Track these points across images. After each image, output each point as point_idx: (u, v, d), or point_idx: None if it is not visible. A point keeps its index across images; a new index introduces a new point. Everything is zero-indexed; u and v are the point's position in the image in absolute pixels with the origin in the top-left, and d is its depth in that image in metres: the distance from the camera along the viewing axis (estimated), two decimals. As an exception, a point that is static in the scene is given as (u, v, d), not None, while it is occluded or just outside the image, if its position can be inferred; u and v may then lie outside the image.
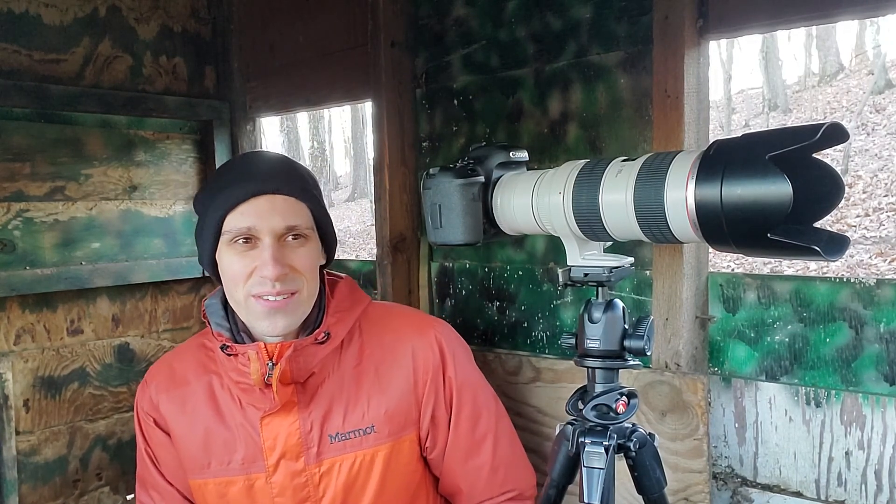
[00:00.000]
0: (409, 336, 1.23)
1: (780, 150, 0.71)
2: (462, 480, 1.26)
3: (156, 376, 1.27)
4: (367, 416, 1.18)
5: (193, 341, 1.29)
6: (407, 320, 1.28)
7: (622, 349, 0.95)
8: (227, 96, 2.08)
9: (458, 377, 1.23)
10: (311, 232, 1.14)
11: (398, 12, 1.68)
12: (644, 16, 1.32)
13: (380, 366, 1.21)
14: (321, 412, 1.17)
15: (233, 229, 1.10)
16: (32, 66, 1.73)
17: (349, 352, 1.21)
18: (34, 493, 1.76)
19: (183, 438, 1.21)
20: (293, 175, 1.15)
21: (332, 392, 1.18)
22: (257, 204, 1.09)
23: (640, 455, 0.96)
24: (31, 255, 1.75)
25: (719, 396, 1.31)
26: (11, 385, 1.70)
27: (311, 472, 1.17)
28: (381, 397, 1.19)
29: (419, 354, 1.22)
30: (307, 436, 1.16)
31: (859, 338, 1.17)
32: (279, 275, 1.08)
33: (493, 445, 1.25)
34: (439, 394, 1.22)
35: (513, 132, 1.54)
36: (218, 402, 1.20)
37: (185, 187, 2.04)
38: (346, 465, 1.17)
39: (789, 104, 12.49)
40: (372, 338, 1.23)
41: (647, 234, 0.86)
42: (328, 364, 1.18)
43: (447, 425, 1.23)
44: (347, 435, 1.17)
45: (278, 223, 1.10)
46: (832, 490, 1.21)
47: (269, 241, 1.09)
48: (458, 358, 1.25)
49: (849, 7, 1.12)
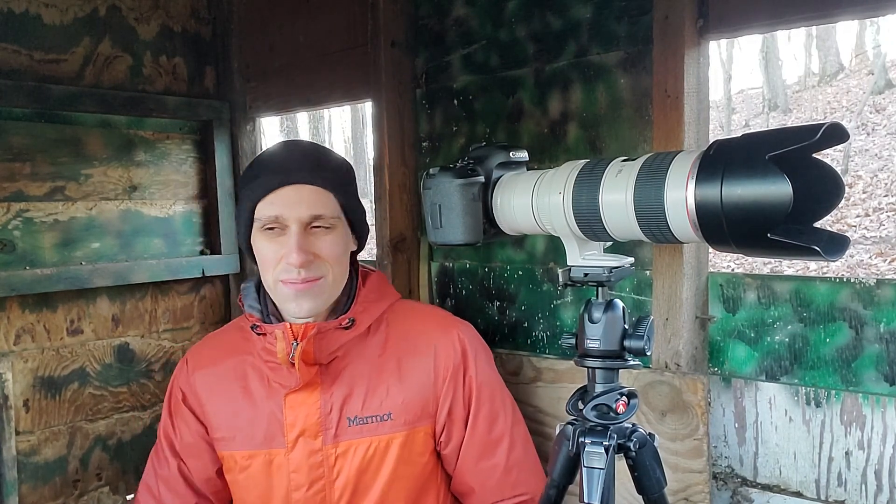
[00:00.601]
0: (433, 332, 1.28)
1: (780, 150, 0.71)
2: (474, 480, 1.27)
3: (194, 355, 1.36)
4: (386, 403, 1.22)
5: (233, 324, 1.40)
6: (433, 318, 1.33)
7: (622, 349, 0.95)
8: (227, 96, 2.08)
9: (478, 377, 1.26)
10: (337, 221, 1.19)
11: (398, 12, 1.68)
12: (644, 16, 1.32)
13: (402, 357, 1.25)
14: (342, 395, 1.22)
15: (263, 217, 1.17)
16: (32, 66, 1.73)
17: (374, 341, 1.26)
18: (34, 493, 1.76)
19: (214, 413, 1.29)
20: (322, 165, 1.20)
21: (354, 377, 1.23)
22: (285, 194, 1.16)
23: (640, 455, 0.96)
24: (31, 255, 1.75)
25: (719, 396, 1.31)
26: (11, 385, 1.70)
27: (328, 452, 1.22)
28: (400, 387, 1.23)
29: (441, 351, 1.26)
30: (327, 416, 1.22)
31: (859, 338, 1.17)
32: (303, 262, 1.14)
33: (507, 447, 1.26)
34: (458, 391, 1.25)
35: (513, 132, 1.54)
36: (248, 382, 1.27)
37: (185, 187, 2.04)
38: (362, 449, 1.22)
39: (789, 104, 12.49)
40: (397, 330, 1.28)
41: (647, 234, 0.86)
42: (352, 350, 1.24)
43: (464, 423, 1.26)
44: (365, 419, 1.22)
45: (304, 212, 1.15)
46: (832, 490, 1.21)
47: (295, 230, 1.15)
48: (480, 359, 1.28)
49: (849, 7, 1.12)
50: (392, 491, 1.24)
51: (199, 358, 1.34)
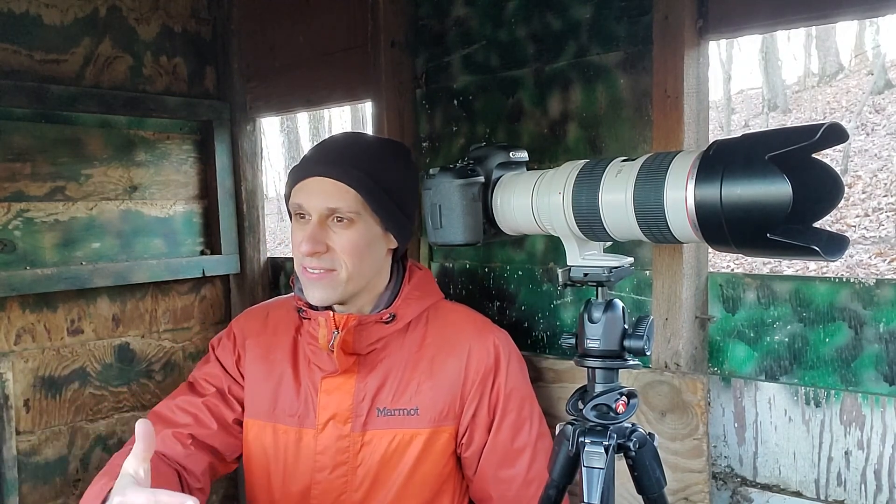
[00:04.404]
0: (469, 335, 1.29)
1: (780, 151, 0.71)
2: (493, 488, 1.28)
3: (250, 320, 1.39)
4: (415, 398, 1.24)
5: (282, 301, 1.42)
6: (472, 321, 1.33)
7: (622, 349, 0.95)
8: (227, 96, 2.08)
9: (507, 385, 1.27)
10: (356, 216, 1.19)
11: (398, 12, 1.68)
12: (644, 16, 1.32)
13: (436, 355, 1.27)
14: (375, 385, 1.25)
15: (293, 204, 1.22)
16: (32, 66, 1.73)
17: (412, 337, 1.28)
18: (34, 493, 1.76)
19: (257, 381, 1.31)
20: (347, 161, 1.20)
21: (388, 369, 1.26)
22: (308, 184, 1.20)
23: (639, 455, 0.96)
24: (32, 255, 1.75)
25: (719, 396, 1.31)
26: (11, 385, 1.70)
27: (355, 438, 1.24)
28: (430, 384, 1.25)
29: (474, 354, 1.27)
30: (359, 404, 1.24)
31: (859, 338, 1.17)
32: (310, 251, 1.18)
33: (529, 459, 1.26)
34: (485, 396, 1.26)
35: (513, 132, 1.54)
36: (298, 358, 1.31)
37: (185, 187, 2.04)
38: (386, 440, 1.24)
39: (789, 104, 12.48)
40: (435, 329, 1.30)
41: (647, 234, 0.87)
42: (391, 343, 1.27)
43: (487, 428, 1.26)
44: (393, 412, 1.24)
45: (320, 204, 1.18)
46: (832, 490, 1.21)
47: (314, 220, 1.19)
48: (512, 367, 1.29)
49: (849, 7, 1.12)
50: (410, 486, 1.25)
51: (255, 324, 1.37)
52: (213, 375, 1.34)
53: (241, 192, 2.09)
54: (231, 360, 1.35)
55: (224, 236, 2.07)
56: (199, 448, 1.27)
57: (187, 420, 1.28)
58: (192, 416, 1.29)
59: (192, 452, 1.26)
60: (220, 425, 1.30)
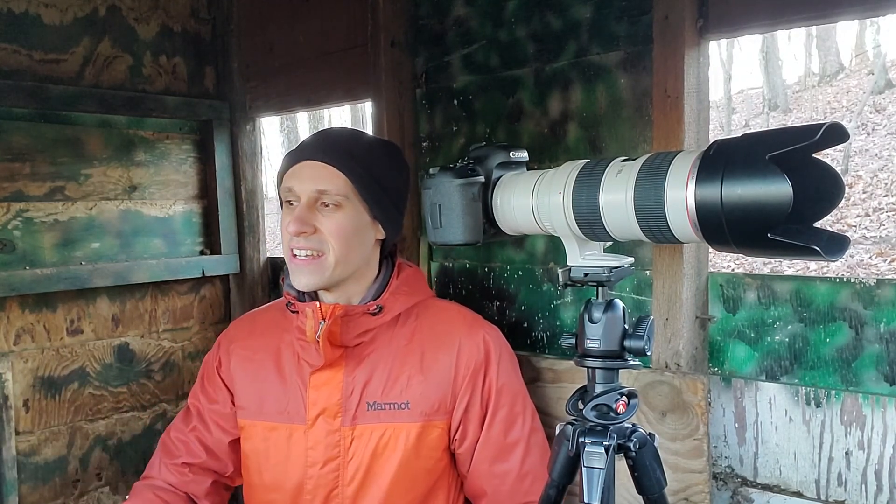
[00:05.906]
0: (459, 330, 1.29)
1: (781, 150, 0.71)
2: (487, 483, 1.28)
3: (235, 327, 1.44)
4: (405, 392, 1.25)
5: (276, 303, 1.43)
6: (461, 317, 1.34)
7: (622, 349, 0.95)
8: (226, 96, 2.08)
9: (499, 380, 1.27)
10: (344, 200, 1.21)
11: (398, 12, 1.68)
12: (644, 16, 1.32)
13: (427, 350, 1.27)
14: (363, 379, 1.25)
15: (283, 189, 1.24)
16: (32, 66, 1.73)
17: (402, 331, 1.29)
18: (34, 493, 1.76)
19: (245, 382, 1.34)
20: (340, 147, 1.23)
21: (376, 363, 1.26)
22: (298, 168, 1.22)
23: (640, 455, 0.95)
24: (31, 255, 1.75)
25: (719, 396, 1.31)
26: (11, 385, 1.70)
27: (345, 433, 1.25)
28: (420, 378, 1.25)
29: (465, 349, 1.27)
30: (347, 398, 1.25)
31: (859, 338, 1.17)
32: (297, 231, 1.19)
33: (523, 453, 1.27)
34: (476, 391, 1.26)
35: (513, 132, 1.54)
36: (281, 359, 1.32)
37: (184, 187, 2.04)
38: (377, 434, 1.24)
39: (789, 104, 12.47)
40: (425, 324, 1.30)
41: (647, 234, 0.86)
42: (379, 336, 1.27)
43: (480, 423, 1.27)
44: (383, 406, 1.25)
45: (309, 186, 1.20)
46: (832, 490, 1.21)
47: (302, 202, 1.20)
48: (503, 362, 1.29)
49: (849, 7, 1.12)
50: (402, 481, 1.25)
51: (240, 331, 1.41)
52: (197, 397, 1.40)
53: (240, 191, 2.09)
54: (212, 368, 1.39)
55: (224, 236, 2.07)
56: (197, 473, 1.36)
57: (180, 450, 1.37)
58: (183, 445, 1.37)
59: (192, 479, 1.35)
60: (207, 451, 1.37)
